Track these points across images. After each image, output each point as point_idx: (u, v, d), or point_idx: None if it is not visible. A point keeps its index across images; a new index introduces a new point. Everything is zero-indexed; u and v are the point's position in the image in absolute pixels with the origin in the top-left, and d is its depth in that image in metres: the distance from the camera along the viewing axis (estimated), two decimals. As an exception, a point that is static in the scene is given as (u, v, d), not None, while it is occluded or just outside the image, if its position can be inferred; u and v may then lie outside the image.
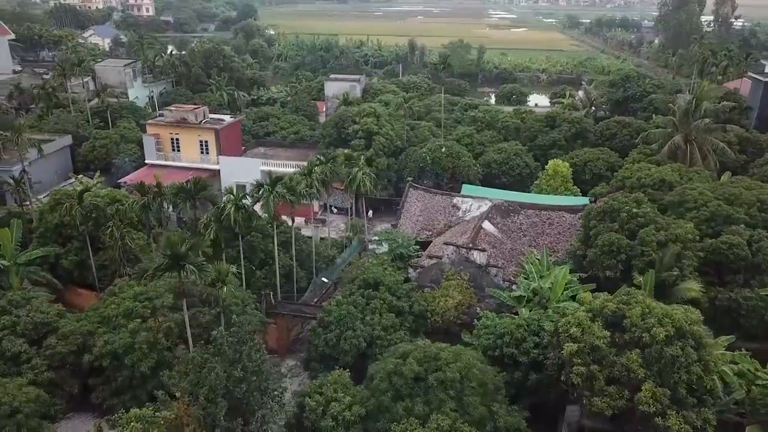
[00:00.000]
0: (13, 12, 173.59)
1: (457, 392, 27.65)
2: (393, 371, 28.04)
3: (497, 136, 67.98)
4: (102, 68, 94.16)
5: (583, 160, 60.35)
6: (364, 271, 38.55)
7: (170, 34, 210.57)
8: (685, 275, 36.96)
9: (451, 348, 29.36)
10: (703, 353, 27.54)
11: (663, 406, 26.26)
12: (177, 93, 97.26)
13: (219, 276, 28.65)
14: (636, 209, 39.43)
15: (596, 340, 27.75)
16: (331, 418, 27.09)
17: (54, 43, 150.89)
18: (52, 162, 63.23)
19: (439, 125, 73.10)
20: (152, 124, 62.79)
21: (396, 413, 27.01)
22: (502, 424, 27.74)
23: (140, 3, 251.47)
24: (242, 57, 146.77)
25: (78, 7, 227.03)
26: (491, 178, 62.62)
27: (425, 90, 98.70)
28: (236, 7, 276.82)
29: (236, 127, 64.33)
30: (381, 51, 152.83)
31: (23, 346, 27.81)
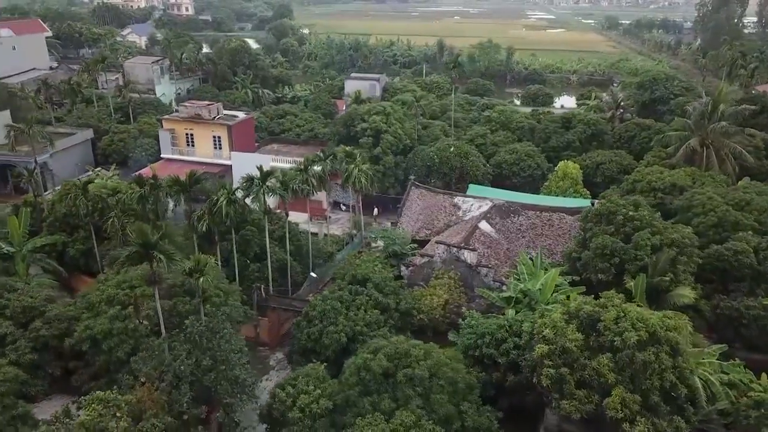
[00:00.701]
0: (57, 11, 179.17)
1: (425, 389, 27.61)
2: (362, 366, 28.16)
3: (511, 137, 67.32)
4: (131, 65, 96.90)
5: (596, 163, 59.28)
6: (354, 268, 38.82)
7: (208, 32, 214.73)
8: (680, 281, 36.04)
9: (422, 345, 29.32)
10: (679, 360, 26.88)
11: (632, 412, 25.73)
12: (203, 90, 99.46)
13: (197, 266, 29.26)
14: (632, 212, 38.60)
15: (567, 343, 27.35)
16: (298, 410, 27.40)
17: (93, 40, 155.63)
18: (74, 154, 65.40)
19: (455, 124, 72.80)
20: (168, 119, 64.31)
21: (362, 408, 27.12)
22: (470, 423, 27.60)
23: (180, 2, 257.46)
24: (273, 56, 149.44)
25: (120, 6, 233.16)
26: (502, 178, 62.06)
27: (447, 90, 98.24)
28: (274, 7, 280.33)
29: (249, 124, 65.33)
30: (410, 51, 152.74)
31: (10, 328, 29.01)
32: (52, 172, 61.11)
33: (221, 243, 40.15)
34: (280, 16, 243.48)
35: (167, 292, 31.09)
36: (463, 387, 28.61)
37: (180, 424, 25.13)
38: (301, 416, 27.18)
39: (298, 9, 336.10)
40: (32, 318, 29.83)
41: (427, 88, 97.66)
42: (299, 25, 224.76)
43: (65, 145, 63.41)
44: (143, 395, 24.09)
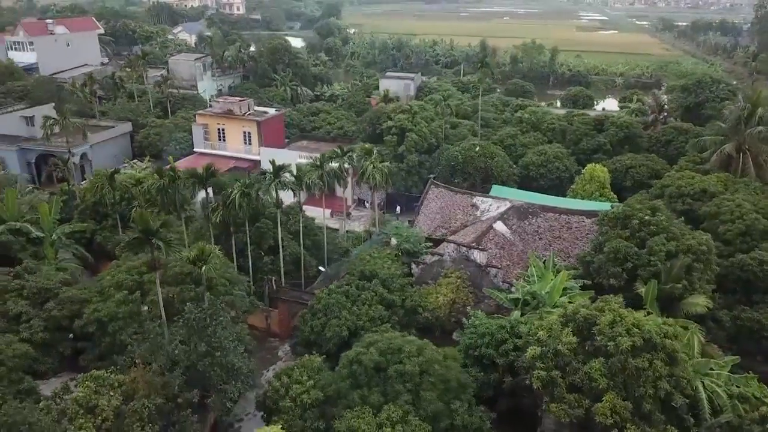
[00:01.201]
0: (113, 9, 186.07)
1: (415, 385, 27.69)
2: (354, 359, 28.46)
3: (542, 138, 66.41)
4: (174, 61, 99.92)
5: (625, 166, 57.89)
6: (363, 263, 39.17)
7: (257, 31, 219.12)
8: (694, 289, 34.93)
9: (416, 342, 29.39)
10: (676, 369, 26.13)
11: (623, 419, 25.19)
12: (244, 87, 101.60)
13: (201, 255, 30.17)
14: (649, 217, 37.60)
15: (560, 346, 26.96)
16: (290, 399, 27.93)
17: (146, 38, 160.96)
18: (113, 146, 68.02)
19: (486, 125, 72.26)
20: (201, 114, 66.16)
21: (352, 400, 27.42)
22: (459, 422, 27.52)
23: (232, 2, 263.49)
24: (317, 54, 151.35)
25: (174, 6, 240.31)
26: (529, 180, 61.31)
27: (483, 90, 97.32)
28: (324, 7, 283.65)
29: (279, 120, 66.54)
30: (452, 51, 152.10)
31: (25, 307, 30.58)
32: (90, 162, 63.69)
33: (236, 235, 41.11)
34: (328, 16, 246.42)
35: (175, 279, 32.15)
36: (455, 385, 28.52)
37: (173, 407, 25.98)
38: (291, 405, 27.70)
39: (348, 8, 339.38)
40: (47, 299, 31.38)
41: (463, 88, 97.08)
42: (346, 25, 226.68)
43: (104, 137, 66.08)
44: (137, 376, 25.04)
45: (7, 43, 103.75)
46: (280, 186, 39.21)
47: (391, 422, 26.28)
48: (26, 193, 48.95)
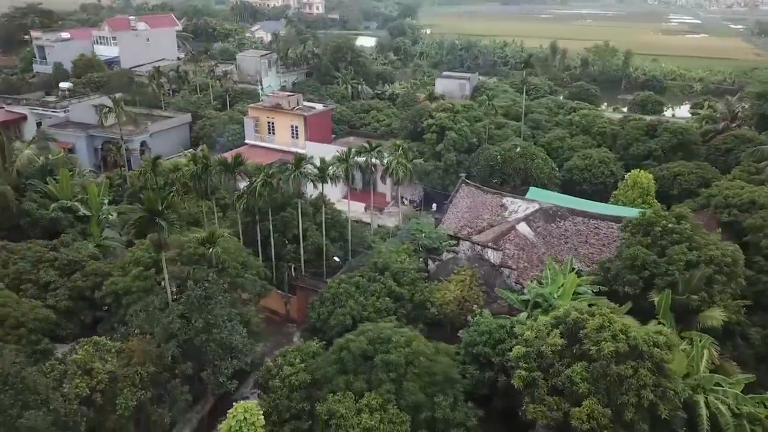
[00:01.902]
0: (196, 8, 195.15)
1: (399, 376, 28.11)
2: (343, 346, 29.24)
3: (591, 142, 64.63)
4: (242, 58, 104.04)
5: (673, 174, 55.46)
6: (378, 256, 39.85)
7: (332, 30, 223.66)
8: (714, 302, 33.35)
9: (406, 333, 29.77)
10: (663, 380, 25.24)
11: (600, 425, 24.63)
12: (306, 84, 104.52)
13: (210, 237, 31.86)
14: (672, 225, 36.15)
15: (544, 347, 26.63)
16: (279, 379, 29.06)
17: (225, 36, 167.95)
18: (173, 136, 71.96)
19: (536, 126, 71.05)
20: (253, 107, 68.81)
21: (337, 385, 28.21)
22: (440, 415, 27.70)
23: (312, 1, 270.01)
24: (385, 54, 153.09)
25: (256, 5, 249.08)
26: (572, 184, 59.96)
27: (544, 92, 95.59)
28: (401, 7, 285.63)
29: (326, 116, 68.18)
30: (522, 53, 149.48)
31: (54, 277, 33.34)
32: (150, 150, 67.66)
33: (261, 223, 42.81)
34: (404, 16, 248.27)
35: (189, 259, 34.03)
36: (440, 379, 28.70)
37: (168, 377, 27.68)
38: (280, 385, 28.81)
39: (428, 9, 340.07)
40: (74, 270, 34.04)
41: (521, 89, 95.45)
42: (420, 25, 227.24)
43: (163, 126, 70.03)
44: (134, 345, 26.88)
45: (93, 37, 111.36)
46: (301, 177, 40.47)
47: (370, 409, 26.88)
48: (83, 175, 52.78)
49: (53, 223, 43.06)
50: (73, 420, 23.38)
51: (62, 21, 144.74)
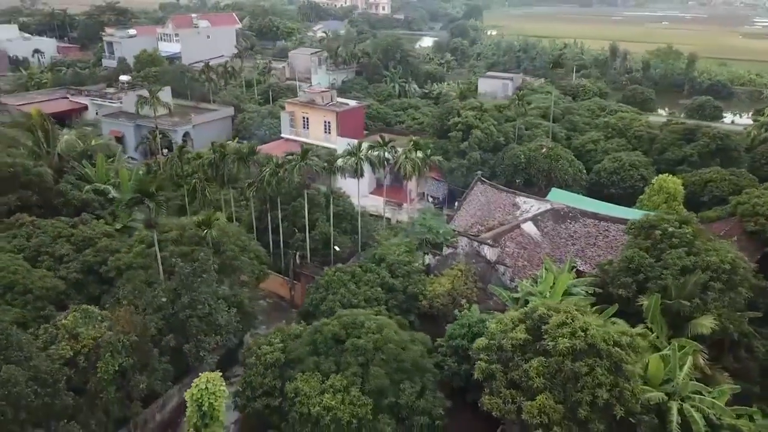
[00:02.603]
0: (263, 7, 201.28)
1: (367, 360, 28.89)
2: (317, 329, 30.32)
3: (626, 145, 62.96)
4: (294, 55, 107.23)
5: (704, 180, 53.37)
6: (378, 248, 40.70)
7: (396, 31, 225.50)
8: (708, 309, 32.26)
9: (380, 320, 30.52)
10: (620, 380, 24.88)
11: (552, 421, 24.57)
12: (355, 82, 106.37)
13: (207, 220, 33.71)
14: (673, 228, 35.18)
15: (504, 340, 26.75)
16: (255, 357, 30.45)
17: (288, 34, 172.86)
18: (215, 127, 75.21)
19: (573, 128, 69.80)
20: (289, 103, 71.02)
21: (307, 365, 29.31)
22: (404, 401, 28.27)
23: (378, 2, 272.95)
24: (443, 54, 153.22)
25: (323, 5, 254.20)
26: (600, 187, 58.76)
27: (592, 94, 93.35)
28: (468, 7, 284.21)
29: (359, 112, 69.50)
30: (582, 55, 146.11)
31: (69, 250, 36.07)
32: (192, 140, 71.09)
33: (272, 212, 44.54)
34: (469, 17, 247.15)
35: (191, 240, 36.03)
36: (408, 366, 29.26)
37: (151, 347, 29.59)
38: (256, 363, 30.19)
39: (498, 10, 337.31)
40: (88, 246, 36.68)
41: (571, 91, 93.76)
42: (485, 26, 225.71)
43: (206, 119, 73.40)
44: (120, 315, 28.94)
45: (158, 34, 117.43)
46: (307, 167, 41.85)
47: (334, 390, 27.82)
48: (121, 161, 56.25)
49: (85, 205, 46.17)
50: (53, 378, 25.51)
51: (136, 19, 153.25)
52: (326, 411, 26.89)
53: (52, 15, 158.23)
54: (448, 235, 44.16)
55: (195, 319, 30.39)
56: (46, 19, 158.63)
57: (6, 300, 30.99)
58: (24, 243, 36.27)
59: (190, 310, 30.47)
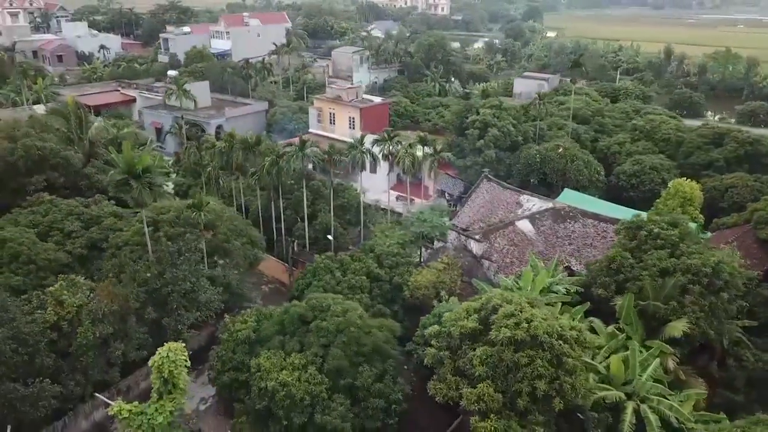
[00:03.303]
0: (320, 7, 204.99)
1: (329, 341, 29.93)
2: (286, 309, 31.62)
3: (652, 149, 61.27)
4: (336, 54, 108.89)
5: (725, 186, 51.47)
6: (372, 239, 41.65)
7: (454, 32, 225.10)
8: (685, 312, 31.55)
9: (346, 305, 31.47)
10: (561, 373, 24.90)
11: (490, 409, 24.89)
12: (395, 81, 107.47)
13: (196, 203, 35.66)
14: (659, 230, 34.50)
15: (453, 328, 27.19)
16: (228, 333, 32.07)
17: (341, 34, 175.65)
18: (248, 121, 77.99)
19: (602, 130, 68.45)
20: (317, 99, 72.80)
21: (273, 344, 30.65)
22: (361, 383, 29.14)
23: (437, 2, 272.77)
24: (493, 55, 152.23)
25: (381, 5, 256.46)
26: (619, 189, 57.55)
27: (634, 96, 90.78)
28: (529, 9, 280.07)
29: (383, 109, 70.51)
30: (636, 57, 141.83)
31: (77, 227, 38.81)
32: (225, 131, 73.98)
33: (277, 201, 46.24)
34: (528, 18, 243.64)
35: (186, 221, 38.07)
36: (369, 350, 30.11)
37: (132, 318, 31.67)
38: (228, 339, 31.80)
39: (565, 12, 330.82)
40: (95, 224, 39.36)
41: (611, 94, 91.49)
42: (544, 28, 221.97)
43: (239, 112, 76.24)
44: (103, 286, 31.14)
45: (210, 32, 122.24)
46: (306, 158, 43.25)
47: (293, 367, 29.03)
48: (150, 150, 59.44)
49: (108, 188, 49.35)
50: (34, 339, 27.87)
51: (196, 17, 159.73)
52: (282, 386, 28.12)
53: (120, 13, 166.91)
54: (442, 230, 44.65)
55: (176, 294, 32.28)
56: (114, 17, 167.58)
57: (10, 269, 33.80)
58: (39, 219, 39.27)
59: (172, 285, 32.38)
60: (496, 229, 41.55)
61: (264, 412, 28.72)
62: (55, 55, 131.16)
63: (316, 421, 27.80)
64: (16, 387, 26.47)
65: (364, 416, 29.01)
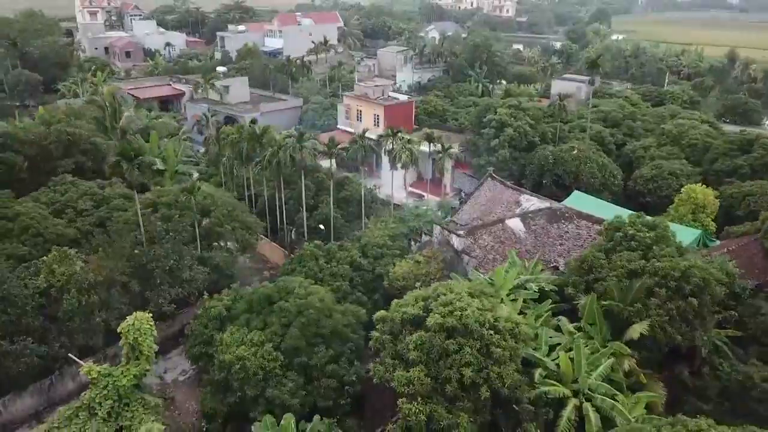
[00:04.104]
0: (381, 8, 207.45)
1: (289, 321, 31.45)
2: (255, 290, 33.41)
3: (677, 154, 59.39)
4: (382, 53, 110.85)
5: (743, 193, 49.51)
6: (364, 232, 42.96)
7: (514, 33, 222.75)
8: (649, 315, 31.10)
9: (311, 289, 32.92)
10: (490, 362, 25.39)
11: (419, 393, 25.68)
12: (439, 80, 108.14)
13: (190, 187, 38.10)
14: (635, 231, 34.03)
15: (395, 313, 28.08)
16: (203, 309, 34.20)
17: (398, 34, 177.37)
18: (283, 116, 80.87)
19: (630, 134, 66.93)
20: (347, 96, 74.61)
21: (240, 321, 32.50)
22: (315, 363, 30.51)
23: (503, 4, 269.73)
24: (548, 56, 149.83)
25: (445, 7, 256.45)
26: (636, 194, 56.32)
27: (683, 102, 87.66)
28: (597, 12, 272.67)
29: (408, 107, 71.48)
30: (699, 62, 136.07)
31: (89, 207, 42.09)
32: (259, 126, 77.10)
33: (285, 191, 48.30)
34: (595, 20, 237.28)
35: (183, 205, 40.61)
36: (327, 333, 31.42)
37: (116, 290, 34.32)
38: (202, 314, 33.93)
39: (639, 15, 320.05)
40: (104, 204, 42.56)
41: (656, 98, 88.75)
42: (608, 31, 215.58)
43: (273, 108, 79.21)
44: (92, 259, 33.94)
45: (265, 31, 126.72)
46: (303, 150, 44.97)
47: (252, 344, 30.73)
48: (181, 140, 63.01)
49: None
50: (23, 301, 30.86)
51: (256, 17, 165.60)
52: (238, 360, 29.87)
53: (188, 12, 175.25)
54: (430, 225, 45.41)
55: (159, 270, 34.68)
56: (183, 17, 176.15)
57: (20, 240, 37.23)
58: (58, 198, 42.86)
59: (156, 262, 34.81)
60: (483, 226, 41.89)
61: (223, 384, 30.55)
62: (124, 52, 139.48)
63: (267, 395, 29.36)
64: (1, 343, 29.39)
65: (316, 395, 30.34)
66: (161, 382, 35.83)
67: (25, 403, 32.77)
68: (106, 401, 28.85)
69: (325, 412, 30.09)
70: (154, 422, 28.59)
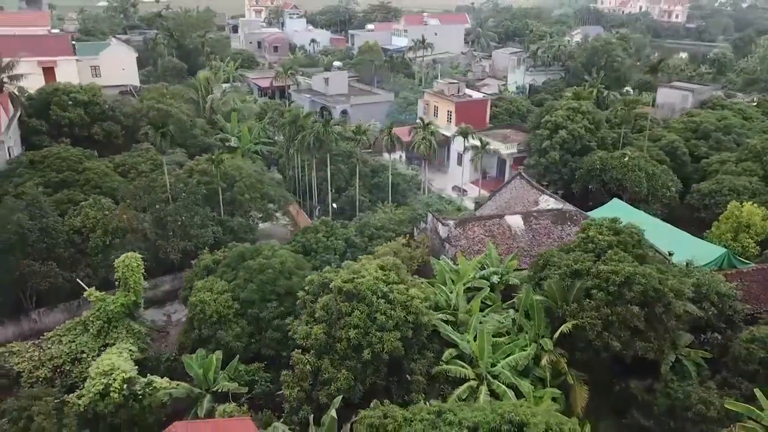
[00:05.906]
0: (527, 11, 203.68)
1: (251, 277, 35.58)
2: (232, 249, 38.07)
3: (755, 171, 54.17)
4: (496, 54, 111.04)
5: (799, 214, 44.58)
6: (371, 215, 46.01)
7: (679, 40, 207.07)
8: (584, 317, 30.80)
9: (278, 252, 36.73)
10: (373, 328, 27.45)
11: (311, 346, 28.56)
12: (551, 83, 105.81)
13: (212, 158, 43.91)
14: (596, 234, 33.45)
15: (318, 277, 31.02)
16: (197, 261, 39.56)
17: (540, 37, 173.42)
18: (374, 109, 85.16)
19: (718, 147, 61.92)
20: (427, 92, 76.89)
21: (218, 274, 37.31)
22: (264, 315, 34.36)
23: (672, 9, 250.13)
24: (697, 65, 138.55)
25: (607, 11, 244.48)
26: (690, 209, 52.72)
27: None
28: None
29: (481, 105, 72.00)
30: None
31: (147, 169, 49.78)
32: (349, 117, 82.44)
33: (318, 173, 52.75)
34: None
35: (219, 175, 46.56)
36: (281, 291, 35.03)
37: (135, 236, 40.94)
38: (196, 265, 39.26)
39: None
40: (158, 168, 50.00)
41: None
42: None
43: (363, 101, 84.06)
44: (120, 208, 40.85)
45: (392, 30, 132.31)
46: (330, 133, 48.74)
47: (216, 292, 35.35)
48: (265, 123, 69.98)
49: (209, 146, 60.60)
50: (56, 231, 38.41)
51: (398, 17, 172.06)
52: (200, 303, 34.67)
53: (337, 11, 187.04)
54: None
55: (171, 224, 40.74)
56: (332, 16, 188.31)
57: (82, 189, 45.40)
58: (127, 161, 51.22)
59: (171, 217, 40.91)
60: (478, 219, 42.72)
61: (189, 322, 35.61)
62: (273, 46, 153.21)
63: (218, 336, 33.82)
64: (32, 262, 37.05)
65: (261, 344, 34.22)
66: (166, 319, 42.00)
67: (57, 318, 40.41)
68: (97, 321, 35.33)
69: (269, 360, 33.88)
70: (131, 344, 34.61)
